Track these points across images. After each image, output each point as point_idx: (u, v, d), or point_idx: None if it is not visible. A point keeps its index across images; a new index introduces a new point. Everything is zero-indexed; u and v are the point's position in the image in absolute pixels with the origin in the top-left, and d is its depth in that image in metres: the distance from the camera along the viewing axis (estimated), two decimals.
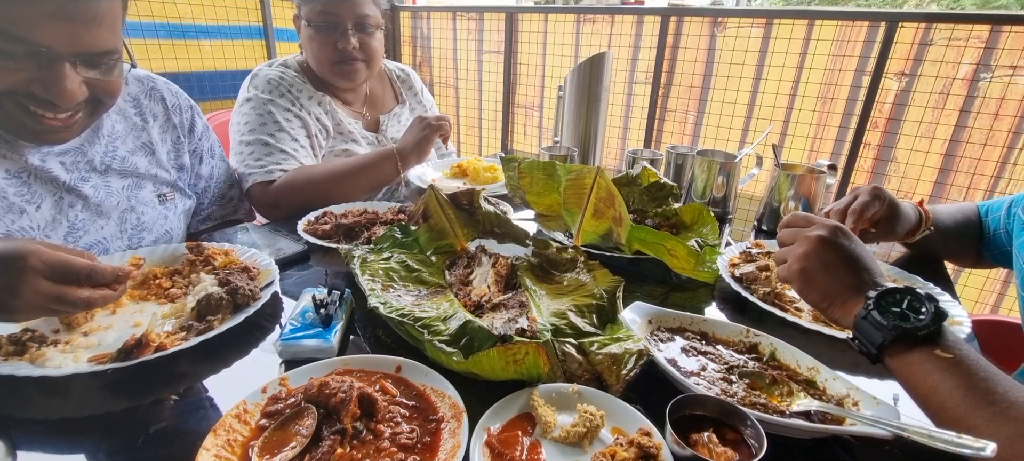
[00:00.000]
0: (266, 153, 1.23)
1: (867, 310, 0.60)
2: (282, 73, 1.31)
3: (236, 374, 0.66)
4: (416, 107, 1.60)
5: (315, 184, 1.21)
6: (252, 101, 1.27)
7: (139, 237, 0.98)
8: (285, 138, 1.25)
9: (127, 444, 0.55)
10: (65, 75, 0.73)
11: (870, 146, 2.28)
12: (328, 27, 1.28)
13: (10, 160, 0.82)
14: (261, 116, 1.25)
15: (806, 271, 0.68)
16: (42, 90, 0.73)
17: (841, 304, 0.65)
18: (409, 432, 0.56)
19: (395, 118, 1.52)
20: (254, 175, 1.22)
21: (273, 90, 1.28)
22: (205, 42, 2.53)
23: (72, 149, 0.89)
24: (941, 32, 2.04)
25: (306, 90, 1.32)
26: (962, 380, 0.53)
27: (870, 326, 0.59)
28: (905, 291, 0.60)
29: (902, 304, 0.59)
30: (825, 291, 0.67)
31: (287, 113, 1.27)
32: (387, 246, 0.90)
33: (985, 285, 2.16)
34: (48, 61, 0.72)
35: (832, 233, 0.68)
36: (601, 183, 0.95)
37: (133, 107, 1.01)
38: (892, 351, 0.58)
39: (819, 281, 0.67)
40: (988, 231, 1.05)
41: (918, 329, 0.56)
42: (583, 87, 1.59)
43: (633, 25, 2.73)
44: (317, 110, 1.33)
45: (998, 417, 0.50)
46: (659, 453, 0.53)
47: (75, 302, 0.61)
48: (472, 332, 0.66)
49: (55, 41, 0.71)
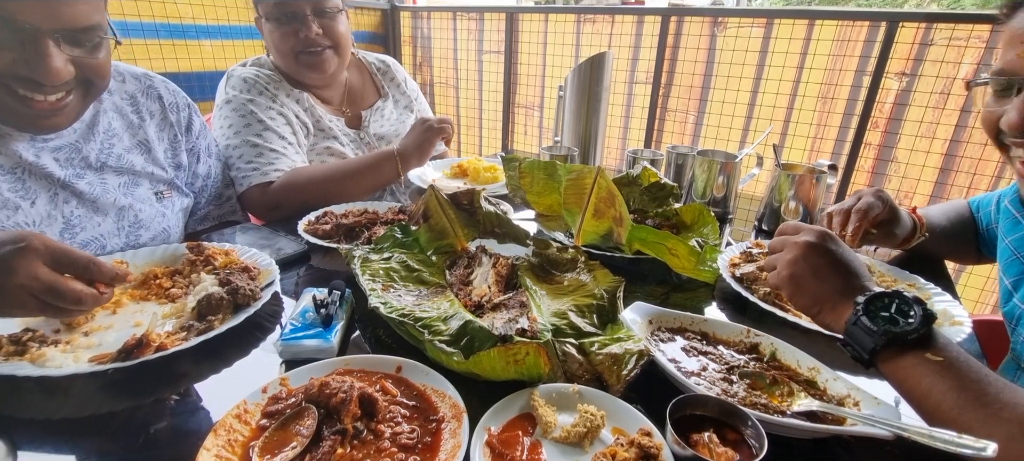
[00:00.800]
0: (256, 154, 1.21)
1: (857, 315, 0.60)
2: (257, 72, 1.28)
3: (236, 374, 0.67)
4: (399, 99, 1.55)
5: (315, 184, 1.20)
6: (231, 102, 1.24)
7: (136, 234, 0.98)
8: (273, 137, 1.23)
9: (128, 444, 0.55)
10: (49, 52, 0.73)
11: (871, 146, 2.27)
12: (287, 18, 1.24)
13: (3, 156, 0.82)
14: (244, 117, 1.23)
15: (795, 277, 0.68)
16: (27, 69, 0.73)
17: (831, 309, 0.65)
18: (409, 432, 0.56)
19: (378, 112, 1.48)
20: (250, 178, 1.19)
21: (251, 89, 1.25)
22: (205, 42, 2.53)
23: (66, 145, 0.89)
24: (942, 32, 2.04)
25: (283, 88, 1.29)
26: (954, 383, 0.53)
27: (861, 331, 0.59)
28: (893, 295, 0.59)
29: (891, 308, 0.59)
30: (814, 296, 0.67)
31: (269, 110, 1.24)
32: (387, 246, 0.90)
33: (985, 285, 2.16)
34: (30, 38, 0.72)
35: (820, 238, 0.68)
36: (602, 183, 0.95)
37: (130, 105, 1.01)
38: (884, 356, 0.58)
39: (808, 286, 0.67)
40: (982, 226, 1.06)
41: (908, 333, 0.56)
42: (583, 87, 1.59)
43: (633, 25, 2.73)
44: (295, 108, 1.30)
45: (991, 419, 0.50)
46: (660, 453, 0.53)
47: (66, 294, 0.61)
48: (472, 332, 0.66)
49: (35, 17, 0.71)
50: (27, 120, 0.80)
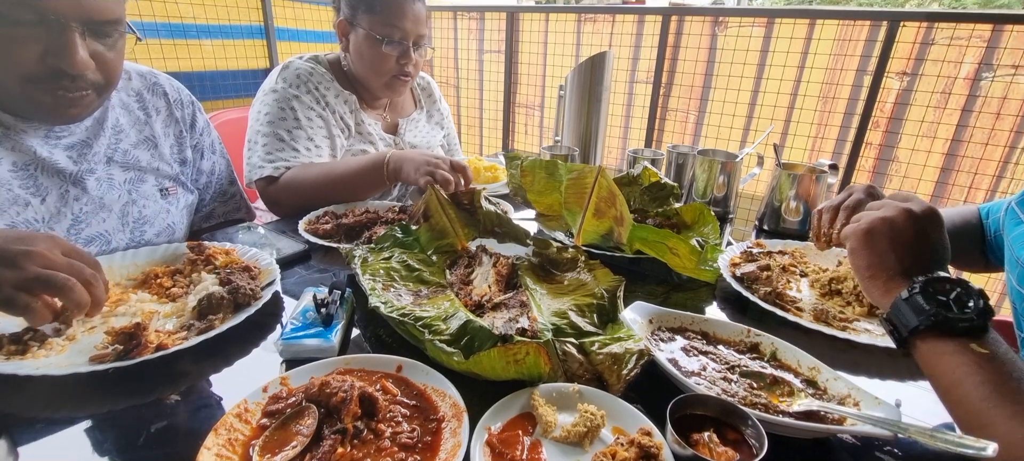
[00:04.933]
0: (279, 148, 1.23)
1: (911, 292, 0.58)
2: (313, 67, 1.32)
3: (237, 373, 0.66)
4: (433, 114, 1.63)
5: (309, 184, 1.21)
6: (277, 93, 1.27)
7: (141, 230, 0.98)
8: (301, 137, 1.26)
9: (128, 443, 0.55)
10: (75, 43, 0.76)
11: (871, 146, 2.27)
12: (396, 43, 1.29)
13: (18, 152, 0.84)
14: (283, 110, 1.26)
15: (873, 233, 0.65)
16: (55, 60, 0.76)
17: (885, 280, 0.63)
18: (410, 431, 0.56)
19: (413, 123, 1.54)
20: (262, 169, 1.22)
21: (301, 85, 1.28)
22: (206, 42, 2.53)
23: (78, 141, 0.91)
24: (943, 31, 2.04)
25: (334, 88, 1.33)
26: (991, 376, 0.52)
27: (909, 308, 0.58)
28: (957, 282, 0.58)
29: (950, 294, 0.57)
30: (879, 261, 0.64)
31: (310, 111, 1.28)
32: (388, 245, 0.90)
33: (986, 285, 2.16)
34: (58, 29, 0.75)
35: (924, 212, 0.64)
36: (602, 182, 0.95)
37: (136, 101, 1.02)
38: (925, 337, 0.57)
39: (879, 247, 0.64)
40: (990, 233, 1.05)
41: (961, 320, 0.55)
42: (584, 86, 1.59)
43: (634, 24, 2.73)
44: (342, 108, 1.35)
45: (1018, 416, 0.50)
46: (660, 453, 0.53)
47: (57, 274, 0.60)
48: (473, 332, 0.66)
49: (62, 7, 0.74)
50: (52, 110, 0.82)
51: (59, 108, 0.82)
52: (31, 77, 0.77)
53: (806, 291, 0.92)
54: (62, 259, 0.61)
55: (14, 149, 0.83)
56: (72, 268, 0.61)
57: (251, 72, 2.75)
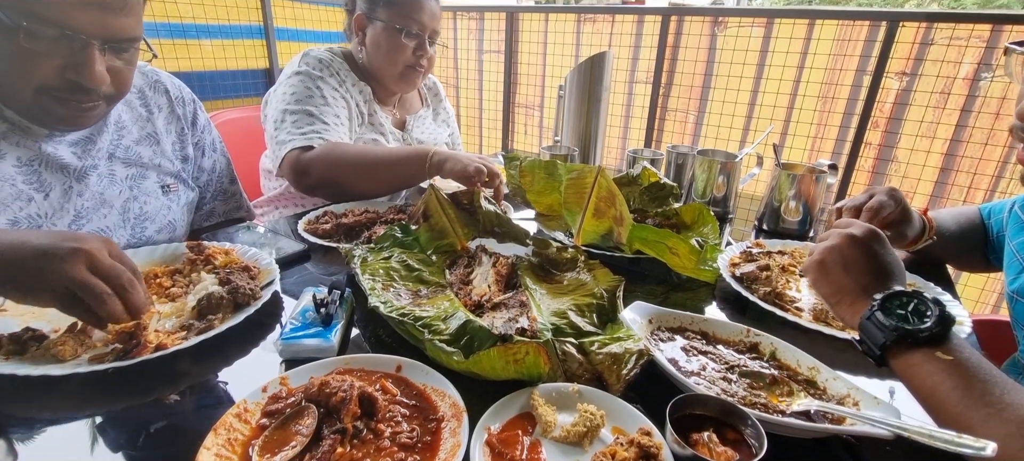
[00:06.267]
0: (309, 123, 1.25)
1: (872, 311, 0.60)
2: (331, 56, 1.37)
3: (237, 373, 0.66)
4: (439, 112, 1.68)
5: (347, 161, 1.22)
6: (302, 74, 1.30)
7: (141, 227, 0.98)
8: (329, 113, 1.28)
9: (128, 443, 0.55)
10: (95, 58, 0.77)
11: (871, 146, 2.27)
12: (414, 35, 1.34)
13: (24, 148, 0.84)
14: (309, 89, 1.29)
15: (825, 264, 0.68)
16: (75, 74, 0.77)
17: (849, 303, 0.65)
18: (409, 431, 0.56)
19: (421, 120, 1.58)
20: (294, 141, 1.23)
21: (325, 69, 1.33)
22: (206, 41, 2.53)
23: (82, 137, 0.91)
24: (942, 32, 2.04)
25: (351, 76, 1.38)
26: (961, 381, 0.53)
27: (873, 327, 0.60)
28: (912, 295, 0.60)
29: (908, 307, 0.59)
30: (837, 286, 0.67)
31: (334, 92, 1.32)
32: (387, 245, 0.90)
33: (985, 285, 2.16)
34: (80, 46, 0.76)
35: (865, 234, 0.68)
36: (602, 182, 0.95)
37: (138, 98, 1.02)
38: (895, 352, 0.58)
39: (833, 276, 0.67)
40: (992, 234, 1.05)
41: (920, 331, 0.57)
42: (584, 87, 1.59)
43: (634, 24, 2.73)
44: (358, 97, 1.39)
45: (992, 418, 0.51)
46: (659, 453, 0.53)
47: (96, 283, 0.60)
48: (472, 331, 0.66)
49: (86, 25, 0.75)
50: (58, 119, 0.83)
51: (70, 118, 0.83)
52: (47, 88, 0.78)
53: (805, 291, 0.92)
54: (108, 261, 0.62)
55: (19, 144, 0.84)
56: (114, 270, 0.62)
57: (251, 72, 2.75)
